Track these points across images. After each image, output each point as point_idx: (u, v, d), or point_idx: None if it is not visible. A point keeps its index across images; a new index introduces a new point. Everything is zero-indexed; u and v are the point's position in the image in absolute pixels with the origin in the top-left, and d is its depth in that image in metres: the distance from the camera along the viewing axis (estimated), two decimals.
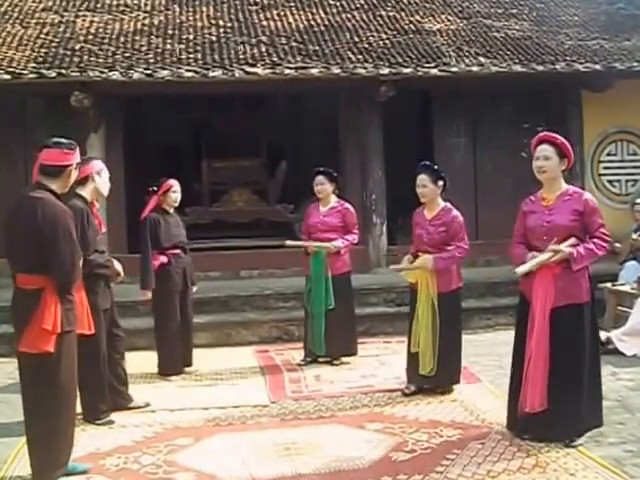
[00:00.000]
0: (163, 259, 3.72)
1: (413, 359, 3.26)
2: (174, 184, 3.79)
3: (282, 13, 6.33)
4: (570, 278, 2.53)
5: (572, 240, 2.53)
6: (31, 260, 2.26)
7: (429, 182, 3.24)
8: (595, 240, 2.55)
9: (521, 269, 2.59)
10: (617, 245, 5.01)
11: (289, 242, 4.07)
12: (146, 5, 6.41)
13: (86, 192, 2.94)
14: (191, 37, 5.81)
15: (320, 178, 3.93)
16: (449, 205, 3.32)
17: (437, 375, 3.20)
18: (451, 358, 3.24)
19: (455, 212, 3.29)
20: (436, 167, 3.32)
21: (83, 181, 2.86)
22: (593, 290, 2.62)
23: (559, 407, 2.52)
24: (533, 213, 2.66)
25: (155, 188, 3.76)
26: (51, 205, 2.26)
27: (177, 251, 3.77)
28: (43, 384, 2.28)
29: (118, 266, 3.01)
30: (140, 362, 3.83)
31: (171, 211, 3.83)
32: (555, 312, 2.54)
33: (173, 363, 3.73)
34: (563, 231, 2.54)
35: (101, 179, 3.00)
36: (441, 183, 3.27)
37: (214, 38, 5.80)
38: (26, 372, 2.33)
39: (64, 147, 2.32)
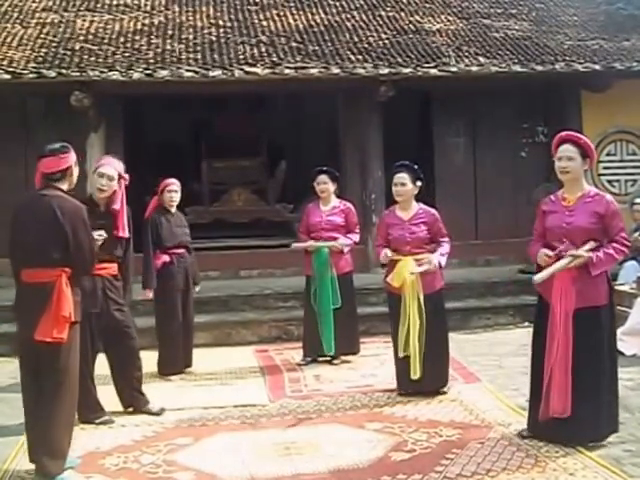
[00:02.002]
0: (165, 258, 3.71)
1: (403, 364, 3.22)
2: (170, 183, 3.77)
3: (282, 13, 6.34)
4: (588, 280, 2.50)
5: (591, 244, 2.49)
6: (49, 254, 2.36)
7: (408, 181, 3.22)
8: (614, 244, 2.50)
9: (539, 277, 2.54)
10: None
11: (295, 245, 3.99)
12: (146, 5, 6.42)
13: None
14: (191, 37, 5.81)
15: (323, 177, 3.92)
16: (422, 204, 3.31)
17: (427, 378, 3.17)
18: (440, 359, 3.21)
19: (433, 210, 3.30)
20: (416, 167, 3.28)
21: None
22: (612, 293, 2.59)
23: (579, 412, 2.49)
24: (553, 213, 2.60)
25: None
26: (68, 201, 2.41)
27: (180, 250, 3.77)
28: (55, 373, 2.36)
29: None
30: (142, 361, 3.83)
31: (173, 210, 3.82)
32: (574, 314, 2.50)
33: (174, 363, 3.72)
34: (583, 233, 2.51)
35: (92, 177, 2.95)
36: (419, 183, 3.25)
37: (214, 38, 5.81)
38: (35, 361, 2.39)
39: (58, 153, 2.43)
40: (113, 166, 2.99)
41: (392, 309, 3.31)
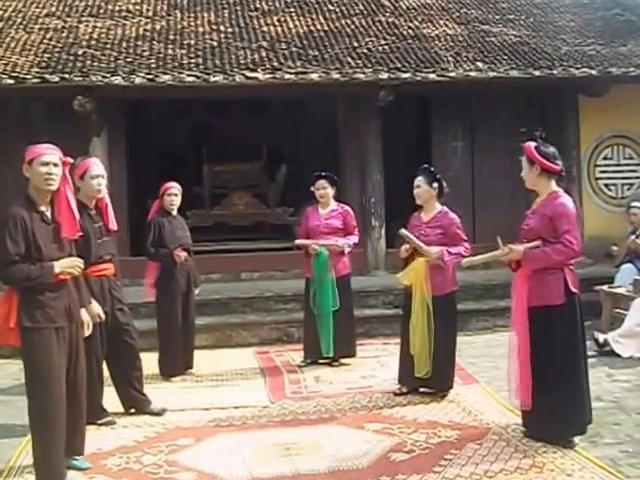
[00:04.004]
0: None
1: (408, 361, 3.27)
2: (170, 187, 3.81)
3: (282, 19, 6.39)
4: (541, 280, 2.59)
5: (536, 242, 2.60)
6: None
7: (424, 183, 3.29)
8: (556, 245, 2.57)
9: (465, 261, 2.82)
10: (613, 248, 5.06)
11: (299, 241, 4.03)
12: (148, 11, 6.48)
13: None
14: (192, 42, 5.86)
15: (322, 182, 3.97)
16: (446, 208, 3.36)
17: (432, 378, 3.21)
18: (445, 362, 3.25)
19: (452, 215, 3.32)
20: (432, 170, 3.36)
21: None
22: (572, 293, 2.63)
23: (538, 407, 2.58)
24: (525, 217, 2.77)
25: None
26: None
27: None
28: (25, 375, 2.41)
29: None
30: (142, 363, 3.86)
31: (174, 213, 3.86)
32: (531, 312, 2.63)
33: (174, 365, 3.75)
34: (534, 235, 2.63)
35: (84, 182, 2.90)
36: (436, 185, 3.31)
37: (215, 43, 5.86)
38: None
39: None
40: (100, 165, 3.05)
41: (405, 307, 3.37)
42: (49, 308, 2.37)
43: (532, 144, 2.68)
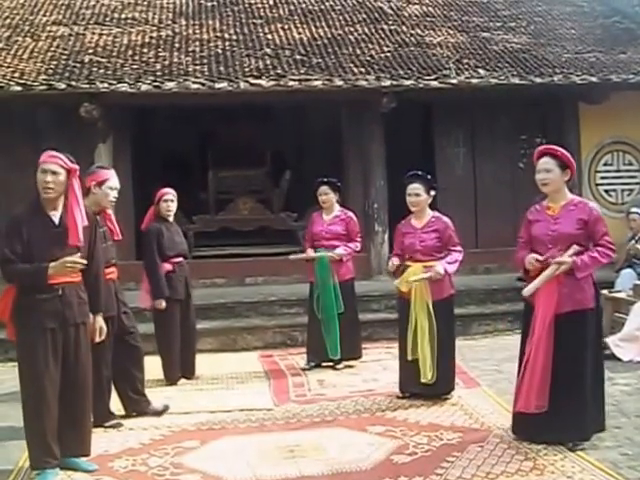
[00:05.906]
0: (167, 267, 3.74)
1: (409, 367, 3.28)
2: (166, 193, 3.79)
3: (286, 26, 6.48)
4: (574, 284, 2.58)
5: (574, 248, 2.58)
6: None
7: (423, 191, 3.28)
8: (599, 248, 2.59)
9: (528, 290, 2.63)
10: None
11: (292, 256, 4.15)
12: (154, 19, 6.57)
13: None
14: (197, 50, 5.95)
15: (324, 188, 4.02)
16: (437, 213, 3.38)
17: (435, 383, 3.23)
18: (448, 366, 3.27)
19: (445, 218, 3.34)
20: (428, 176, 3.35)
21: (86, 193, 2.88)
22: (598, 296, 2.67)
23: (562, 411, 2.56)
24: (538, 222, 2.71)
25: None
26: None
27: (179, 259, 3.82)
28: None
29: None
30: (147, 366, 3.88)
31: (170, 220, 3.84)
32: (560, 318, 2.59)
33: (175, 370, 3.76)
34: (568, 239, 2.60)
35: (101, 191, 3.00)
36: (433, 193, 3.33)
37: (220, 51, 5.94)
38: None
39: None
40: (117, 179, 3.10)
41: (401, 313, 3.39)
42: (37, 309, 2.44)
43: (560, 149, 2.65)
